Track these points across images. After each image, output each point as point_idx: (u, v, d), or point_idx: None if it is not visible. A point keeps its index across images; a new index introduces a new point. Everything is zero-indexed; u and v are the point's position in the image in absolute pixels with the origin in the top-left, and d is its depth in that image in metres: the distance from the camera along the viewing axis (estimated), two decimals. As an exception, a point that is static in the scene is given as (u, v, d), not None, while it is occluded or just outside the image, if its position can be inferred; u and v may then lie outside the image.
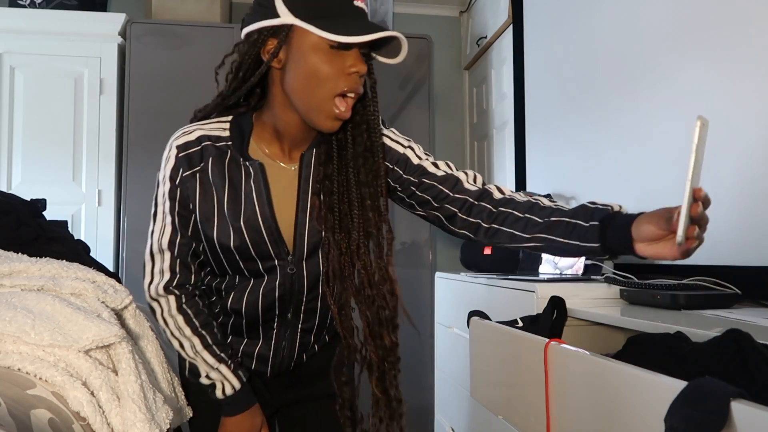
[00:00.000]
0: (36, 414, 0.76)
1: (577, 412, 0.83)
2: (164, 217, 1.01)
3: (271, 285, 1.04)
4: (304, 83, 0.92)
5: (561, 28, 2.20)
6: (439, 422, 2.24)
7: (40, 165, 2.54)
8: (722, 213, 1.36)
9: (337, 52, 0.91)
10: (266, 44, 0.93)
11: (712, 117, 1.40)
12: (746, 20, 1.30)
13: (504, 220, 0.98)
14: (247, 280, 1.05)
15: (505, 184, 2.79)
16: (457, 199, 1.02)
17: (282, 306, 1.07)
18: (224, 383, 1.04)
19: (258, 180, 1.00)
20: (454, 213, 1.02)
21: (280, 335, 1.10)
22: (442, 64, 3.35)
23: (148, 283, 1.04)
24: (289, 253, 1.03)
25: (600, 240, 0.89)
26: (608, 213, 0.91)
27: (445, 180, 1.03)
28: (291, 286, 1.05)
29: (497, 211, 0.99)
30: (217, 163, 1.00)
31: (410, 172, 1.04)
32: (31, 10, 2.59)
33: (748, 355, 0.73)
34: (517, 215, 0.97)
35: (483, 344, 1.22)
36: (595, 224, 0.90)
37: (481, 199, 1.02)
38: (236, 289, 1.06)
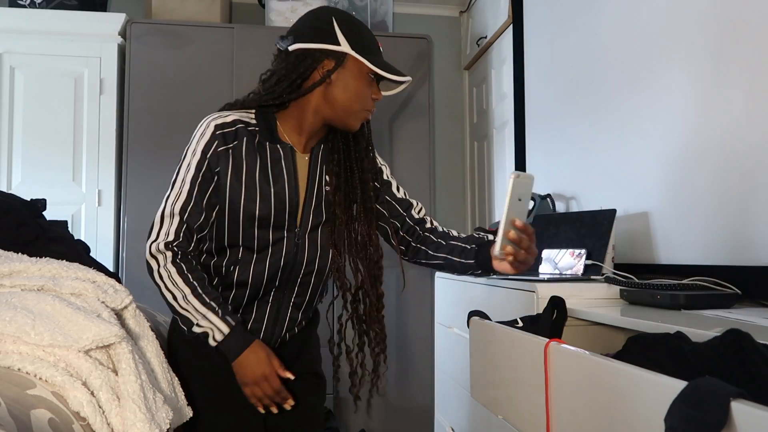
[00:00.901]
0: (36, 414, 0.76)
1: (577, 412, 0.83)
2: (183, 185, 1.15)
3: (278, 255, 1.20)
4: (349, 99, 1.17)
5: (561, 28, 2.20)
6: (439, 422, 2.24)
7: (40, 165, 2.54)
8: (722, 213, 1.37)
9: (372, 81, 1.18)
10: (323, 63, 1.15)
11: (711, 117, 1.41)
12: (745, 20, 1.30)
13: (423, 241, 1.31)
14: (252, 254, 1.19)
15: (505, 184, 2.79)
16: (404, 221, 1.32)
17: (283, 275, 1.21)
18: (213, 330, 1.11)
19: (288, 160, 1.20)
20: (398, 228, 1.32)
21: (272, 310, 1.23)
22: (442, 64, 3.35)
23: (152, 241, 1.14)
24: (297, 227, 1.21)
25: (474, 258, 1.23)
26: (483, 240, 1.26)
27: (401, 202, 1.33)
28: (294, 256, 1.21)
29: (422, 236, 1.31)
30: (249, 142, 1.17)
31: (380, 183, 1.31)
32: (31, 10, 2.59)
33: (748, 355, 0.73)
34: (432, 239, 1.30)
35: (483, 344, 1.22)
36: (474, 247, 1.25)
37: (417, 223, 1.32)
38: (241, 263, 1.19)
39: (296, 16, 2.79)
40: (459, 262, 1.26)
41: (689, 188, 1.48)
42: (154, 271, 1.13)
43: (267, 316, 1.23)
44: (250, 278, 1.19)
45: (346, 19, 1.16)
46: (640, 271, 1.56)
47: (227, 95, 2.55)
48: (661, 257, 1.58)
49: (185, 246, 1.15)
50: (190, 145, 1.17)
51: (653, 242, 1.61)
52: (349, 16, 1.18)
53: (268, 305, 1.23)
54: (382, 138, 2.75)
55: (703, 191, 1.43)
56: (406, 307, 2.71)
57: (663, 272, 1.52)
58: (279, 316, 1.24)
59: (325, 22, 1.15)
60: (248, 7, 3.11)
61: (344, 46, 1.14)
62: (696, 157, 1.46)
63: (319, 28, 1.15)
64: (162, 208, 1.16)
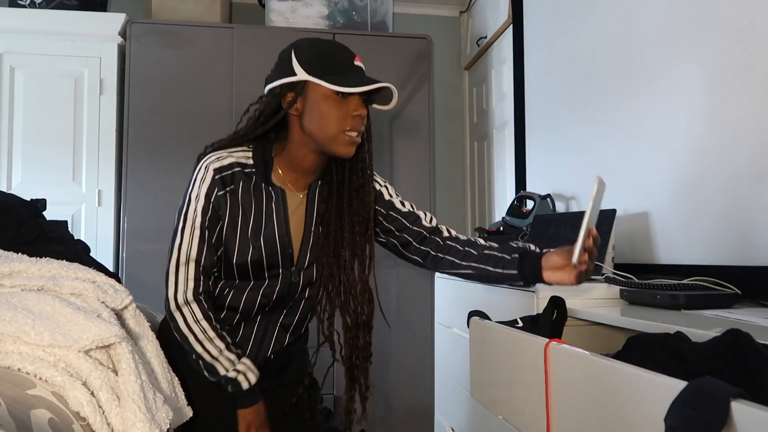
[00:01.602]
0: (36, 414, 0.76)
1: (577, 412, 0.83)
2: (194, 230, 1.16)
3: (272, 288, 1.21)
4: (319, 124, 1.14)
5: (561, 28, 2.20)
6: (439, 422, 2.24)
7: (40, 165, 2.53)
8: (722, 213, 1.37)
9: (343, 100, 1.13)
10: (286, 96, 1.15)
11: (711, 117, 1.41)
12: (744, 20, 1.30)
13: (448, 251, 1.25)
14: (248, 283, 1.21)
15: (505, 185, 2.80)
16: (414, 231, 1.27)
17: (275, 304, 1.23)
18: (247, 374, 1.15)
19: (279, 203, 1.20)
20: (410, 242, 1.28)
21: (260, 330, 1.24)
22: (442, 64, 3.35)
23: (174, 292, 1.16)
24: (293, 265, 1.22)
25: (518, 268, 1.16)
26: (525, 249, 1.19)
27: (408, 215, 1.28)
28: (288, 290, 1.23)
29: (444, 244, 1.26)
30: (245, 186, 1.18)
31: (381, 204, 1.28)
32: (31, 10, 2.59)
33: (748, 355, 0.73)
34: (458, 248, 1.24)
35: (483, 344, 1.22)
36: (516, 256, 1.17)
37: (432, 233, 1.28)
38: (236, 288, 1.21)
39: (296, 16, 2.81)
40: (497, 273, 1.19)
41: (689, 188, 1.48)
42: (181, 324, 1.15)
43: (254, 335, 1.24)
44: (242, 304, 1.21)
45: (306, 47, 1.15)
46: (640, 271, 1.56)
47: (227, 95, 2.55)
48: (661, 257, 1.58)
49: (207, 287, 1.17)
50: (191, 190, 1.17)
51: (653, 242, 1.61)
52: (314, 43, 1.16)
53: (255, 324, 1.24)
54: (382, 138, 2.75)
55: (704, 191, 1.43)
56: (406, 307, 2.71)
57: (663, 272, 1.52)
58: (266, 336, 1.25)
59: (284, 56, 1.16)
60: (248, 7, 3.11)
61: (300, 75, 1.13)
62: (696, 157, 1.46)
63: (278, 65, 1.17)
64: (175, 257, 1.16)
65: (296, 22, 2.79)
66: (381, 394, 2.66)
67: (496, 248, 1.22)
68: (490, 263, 1.20)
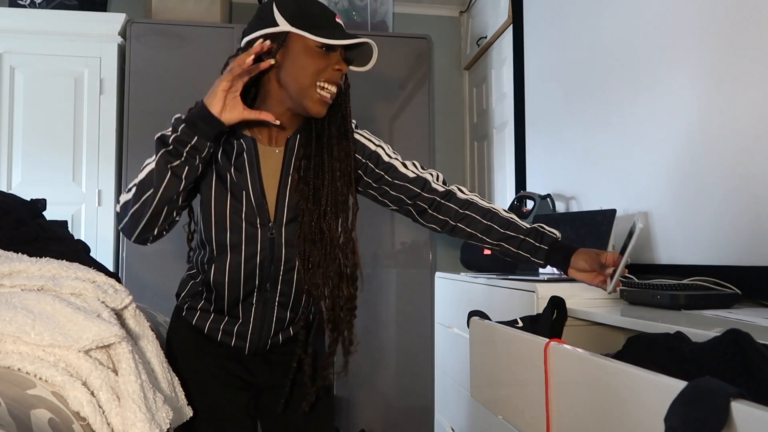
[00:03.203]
0: (36, 414, 0.76)
1: (577, 412, 0.83)
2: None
3: (252, 250, 1.17)
4: (297, 76, 1.12)
5: (561, 28, 2.20)
6: (439, 422, 2.24)
7: (40, 165, 2.53)
8: (722, 213, 1.36)
9: (325, 54, 1.12)
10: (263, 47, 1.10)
11: (711, 117, 1.41)
12: (744, 23, 1.30)
13: (470, 222, 1.24)
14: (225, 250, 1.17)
15: (505, 185, 2.80)
16: (426, 198, 1.24)
17: (261, 274, 1.18)
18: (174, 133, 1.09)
19: (251, 153, 1.17)
20: (425, 209, 1.25)
21: (258, 311, 1.20)
22: (442, 64, 3.35)
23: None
24: (270, 221, 1.17)
25: (545, 259, 1.21)
26: (554, 239, 1.22)
27: (415, 180, 1.24)
28: (270, 252, 1.17)
29: (463, 213, 1.24)
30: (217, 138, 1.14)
31: (382, 168, 1.24)
32: (31, 10, 2.59)
33: (748, 355, 0.73)
34: (480, 220, 1.24)
35: (483, 344, 1.22)
36: (545, 248, 1.21)
37: (447, 198, 1.24)
38: (217, 261, 1.17)
39: (296, 16, 2.80)
40: (521, 256, 1.23)
41: (689, 188, 1.48)
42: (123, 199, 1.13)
43: (253, 317, 1.20)
44: (227, 276, 1.17)
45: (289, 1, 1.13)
46: (640, 271, 1.56)
47: (227, 95, 2.55)
48: (661, 257, 1.58)
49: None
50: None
51: (653, 242, 1.61)
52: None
53: (252, 306, 1.20)
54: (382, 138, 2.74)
55: (704, 191, 1.43)
56: (406, 307, 2.71)
57: (663, 272, 1.52)
58: (266, 317, 1.21)
59: (266, 8, 1.14)
60: (248, 7, 3.11)
61: (283, 26, 1.11)
62: (696, 157, 1.46)
63: (258, 17, 1.15)
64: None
65: (296, 22, 2.79)
66: (381, 394, 2.66)
67: (522, 230, 1.22)
68: (516, 245, 1.22)
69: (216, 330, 1.21)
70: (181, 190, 1.08)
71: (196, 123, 1.08)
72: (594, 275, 1.17)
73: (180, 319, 1.26)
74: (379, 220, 2.73)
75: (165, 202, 1.08)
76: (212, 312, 1.22)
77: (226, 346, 1.21)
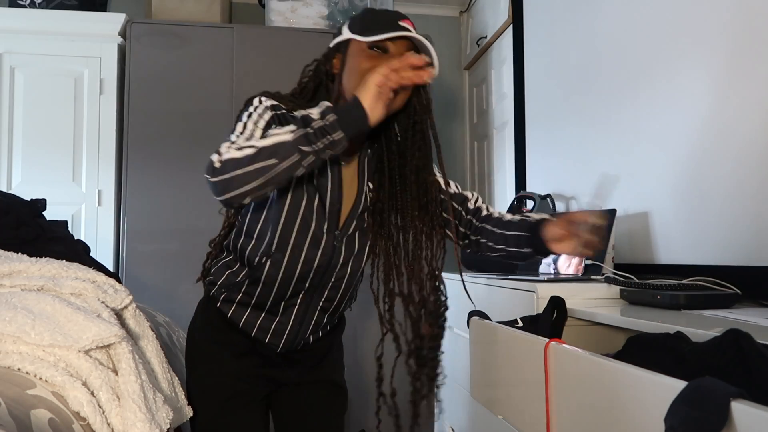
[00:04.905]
0: (36, 414, 0.76)
1: (577, 412, 0.83)
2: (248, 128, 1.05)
3: (313, 254, 1.14)
4: (349, 78, 1.11)
5: (561, 28, 2.20)
6: (439, 422, 2.24)
7: (40, 165, 2.53)
8: (722, 213, 1.36)
9: (377, 54, 1.10)
10: (334, 57, 1.16)
11: (711, 118, 1.41)
12: (745, 21, 1.30)
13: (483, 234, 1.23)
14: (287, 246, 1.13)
15: (505, 185, 2.80)
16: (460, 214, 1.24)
17: (314, 278, 1.16)
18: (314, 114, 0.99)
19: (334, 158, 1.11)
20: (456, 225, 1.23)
21: (300, 311, 1.18)
22: (442, 64, 3.33)
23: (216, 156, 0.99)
24: (338, 229, 1.16)
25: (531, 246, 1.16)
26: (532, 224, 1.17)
27: (455, 196, 1.25)
28: (330, 259, 1.16)
29: (479, 227, 1.24)
30: None
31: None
32: (31, 10, 2.59)
33: (748, 355, 0.73)
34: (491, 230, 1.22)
35: (483, 344, 1.22)
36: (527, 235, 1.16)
37: (473, 215, 1.25)
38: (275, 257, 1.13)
39: (296, 16, 2.80)
40: (517, 253, 1.20)
41: (689, 188, 1.48)
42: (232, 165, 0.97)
43: (293, 318, 1.18)
44: (281, 273, 1.14)
45: (359, 13, 1.16)
46: (640, 271, 1.56)
47: (227, 95, 2.55)
48: (661, 257, 1.58)
49: None
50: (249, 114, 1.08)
51: (653, 242, 1.61)
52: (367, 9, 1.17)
53: (295, 307, 1.18)
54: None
55: (704, 191, 1.43)
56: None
57: (663, 272, 1.52)
58: (305, 320, 1.19)
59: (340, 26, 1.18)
60: (248, 7, 3.11)
61: (345, 34, 1.14)
62: (696, 158, 1.46)
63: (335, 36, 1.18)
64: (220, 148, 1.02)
65: (296, 22, 2.79)
66: (381, 394, 2.66)
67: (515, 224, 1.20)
68: (511, 244, 1.20)
69: (252, 325, 1.18)
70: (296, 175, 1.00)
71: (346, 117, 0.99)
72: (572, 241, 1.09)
73: (212, 308, 1.22)
74: (379, 220, 2.72)
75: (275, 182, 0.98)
76: (251, 306, 1.18)
77: (259, 342, 1.19)
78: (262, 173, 0.96)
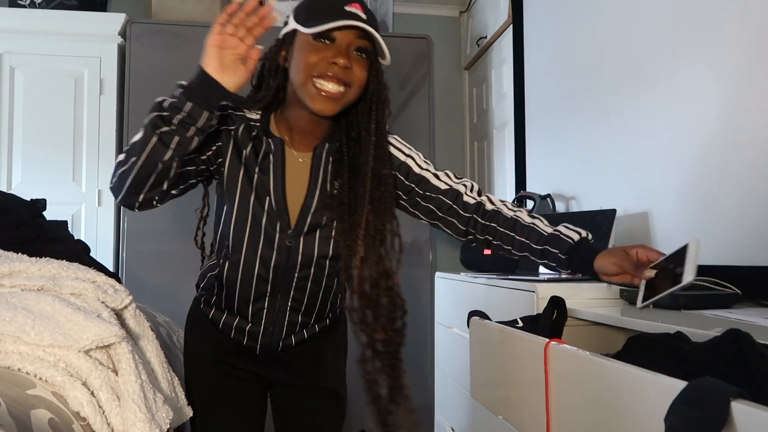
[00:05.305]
0: (36, 414, 0.76)
1: (577, 412, 0.83)
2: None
3: (268, 254, 1.12)
4: (295, 72, 1.06)
5: (561, 28, 2.20)
6: (439, 422, 2.24)
7: (40, 165, 2.53)
8: (722, 213, 1.37)
9: (323, 45, 1.04)
10: (281, 51, 1.11)
11: (711, 118, 1.41)
12: (745, 21, 1.30)
13: (494, 234, 1.18)
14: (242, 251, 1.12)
15: (505, 185, 2.80)
16: (457, 212, 1.18)
17: (275, 279, 1.13)
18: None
19: (277, 155, 1.11)
20: (453, 223, 1.19)
21: (269, 315, 1.17)
22: (442, 64, 3.35)
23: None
24: (290, 228, 1.12)
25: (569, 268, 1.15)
26: (570, 246, 1.13)
27: (447, 192, 1.17)
28: (286, 259, 1.12)
29: (488, 226, 1.18)
30: (245, 131, 1.12)
31: (413, 180, 1.17)
32: (31, 10, 2.59)
33: (748, 355, 0.73)
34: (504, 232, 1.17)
35: (483, 344, 1.22)
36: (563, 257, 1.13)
37: (476, 212, 1.18)
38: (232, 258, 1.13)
39: (296, 16, 2.81)
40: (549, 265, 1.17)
41: (689, 188, 1.48)
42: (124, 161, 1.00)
43: (264, 321, 1.17)
44: (240, 275, 1.13)
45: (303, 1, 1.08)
46: (640, 271, 1.56)
47: (227, 95, 2.55)
48: (661, 257, 1.58)
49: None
50: None
51: (653, 242, 1.61)
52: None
53: (264, 311, 1.16)
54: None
55: (704, 191, 1.43)
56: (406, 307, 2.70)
57: (663, 272, 1.52)
58: (277, 322, 1.17)
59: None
60: (248, 7, 3.11)
61: (291, 25, 1.07)
62: (696, 157, 1.46)
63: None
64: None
65: (296, 22, 2.79)
66: (381, 394, 2.66)
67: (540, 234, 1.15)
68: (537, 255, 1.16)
69: (229, 327, 1.19)
70: (168, 159, 0.98)
71: (192, 87, 0.99)
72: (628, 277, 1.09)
73: (198, 309, 1.24)
74: (379, 220, 2.72)
75: (150, 169, 0.98)
76: (224, 309, 1.19)
77: (238, 344, 1.20)
78: (134, 169, 0.98)
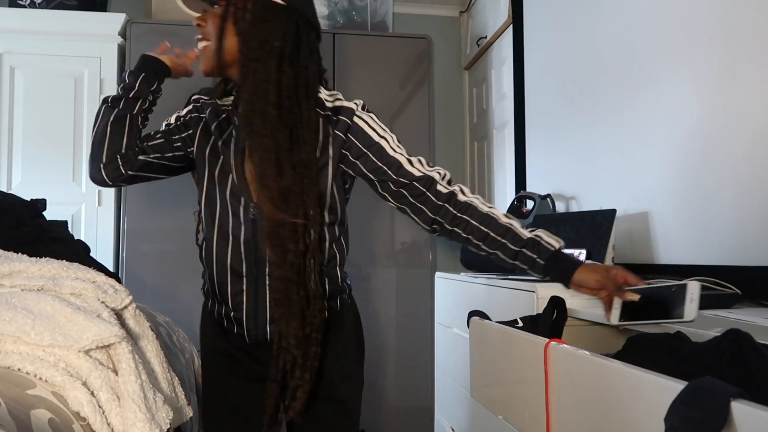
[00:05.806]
0: (36, 414, 0.76)
1: (577, 412, 0.83)
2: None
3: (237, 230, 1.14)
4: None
5: (561, 28, 2.20)
6: (439, 422, 2.24)
7: (40, 165, 2.53)
8: (722, 213, 1.36)
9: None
10: None
11: (711, 118, 1.41)
12: (745, 21, 1.30)
13: (465, 227, 1.14)
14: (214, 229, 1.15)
15: (505, 185, 2.80)
16: (429, 199, 1.14)
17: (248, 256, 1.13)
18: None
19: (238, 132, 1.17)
20: (422, 210, 1.15)
21: (250, 297, 1.15)
22: (442, 64, 3.34)
23: None
24: (252, 201, 1.13)
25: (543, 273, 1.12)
26: (551, 253, 1.12)
27: (420, 179, 1.14)
28: (254, 233, 1.13)
29: (459, 217, 1.14)
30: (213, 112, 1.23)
31: (386, 162, 1.14)
32: (31, 10, 2.59)
33: (748, 355, 0.73)
34: (477, 226, 1.13)
35: (483, 344, 1.22)
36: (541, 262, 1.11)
37: (448, 201, 1.14)
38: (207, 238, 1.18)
39: (296, 16, 2.80)
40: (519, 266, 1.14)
41: (689, 188, 1.48)
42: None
43: (245, 303, 1.15)
44: (214, 255, 1.15)
45: None
46: (640, 271, 1.56)
47: (227, 95, 2.55)
48: (661, 257, 1.58)
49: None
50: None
51: (653, 242, 1.61)
52: None
53: (243, 293, 1.14)
54: (382, 138, 2.75)
55: (704, 191, 1.43)
56: (406, 307, 2.71)
57: (663, 272, 1.52)
58: (258, 303, 1.14)
59: None
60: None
61: None
62: (696, 157, 1.46)
63: None
64: None
65: (296, 22, 2.79)
66: (381, 394, 2.66)
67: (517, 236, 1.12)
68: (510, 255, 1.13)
69: (221, 316, 1.19)
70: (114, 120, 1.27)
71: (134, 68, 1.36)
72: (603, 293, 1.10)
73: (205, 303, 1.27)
74: (379, 219, 2.73)
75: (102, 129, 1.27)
76: (213, 297, 1.20)
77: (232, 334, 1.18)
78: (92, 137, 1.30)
